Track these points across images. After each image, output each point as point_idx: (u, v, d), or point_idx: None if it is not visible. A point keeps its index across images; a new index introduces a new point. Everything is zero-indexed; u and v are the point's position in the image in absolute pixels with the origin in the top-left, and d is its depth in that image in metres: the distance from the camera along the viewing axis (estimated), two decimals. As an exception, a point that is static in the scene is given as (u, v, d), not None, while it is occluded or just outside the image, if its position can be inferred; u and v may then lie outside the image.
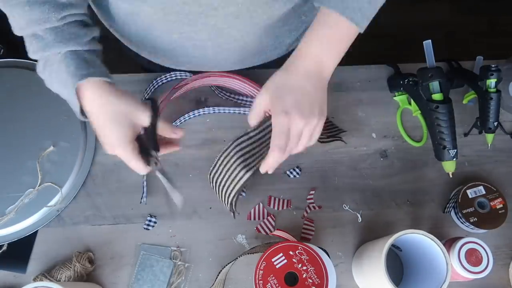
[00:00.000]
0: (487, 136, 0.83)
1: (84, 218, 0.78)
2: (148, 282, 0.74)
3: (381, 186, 0.82)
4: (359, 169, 0.82)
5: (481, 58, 0.90)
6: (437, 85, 0.77)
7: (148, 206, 0.79)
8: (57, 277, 0.72)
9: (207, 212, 0.79)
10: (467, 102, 0.87)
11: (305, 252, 0.62)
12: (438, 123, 0.76)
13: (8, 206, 0.77)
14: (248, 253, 0.70)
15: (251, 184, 0.80)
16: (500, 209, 0.76)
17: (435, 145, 0.78)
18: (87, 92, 0.58)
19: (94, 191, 0.80)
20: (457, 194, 0.77)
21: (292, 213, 0.79)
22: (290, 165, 0.82)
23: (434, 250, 0.63)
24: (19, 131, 0.81)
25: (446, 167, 0.78)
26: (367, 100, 0.87)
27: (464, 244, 0.69)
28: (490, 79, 0.79)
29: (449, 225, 0.80)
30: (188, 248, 0.77)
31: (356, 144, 0.84)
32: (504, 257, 0.78)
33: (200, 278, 0.75)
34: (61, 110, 0.82)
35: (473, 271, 0.68)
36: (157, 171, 0.64)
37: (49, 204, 0.77)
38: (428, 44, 0.78)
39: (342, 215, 0.80)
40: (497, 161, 0.84)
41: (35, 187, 0.78)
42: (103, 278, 0.75)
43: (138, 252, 0.76)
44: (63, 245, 0.76)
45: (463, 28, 1.88)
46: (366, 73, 0.89)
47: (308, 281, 0.61)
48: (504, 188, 0.81)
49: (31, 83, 0.84)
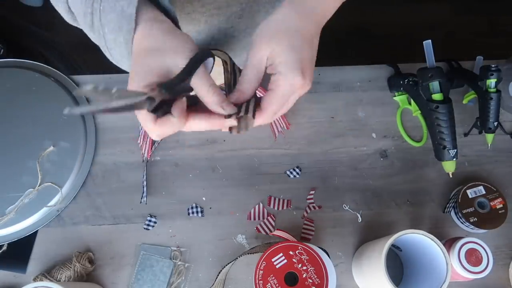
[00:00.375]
0: (487, 136, 0.83)
1: (84, 218, 0.78)
2: (148, 282, 0.74)
3: (381, 186, 0.82)
4: (359, 169, 0.82)
5: (481, 58, 0.90)
6: (437, 85, 0.77)
7: (148, 206, 0.79)
8: (57, 277, 0.72)
9: (207, 212, 0.79)
10: (467, 102, 0.87)
11: (305, 252, 0.62)
12: (438, 123, 0.76)
13: (8, 206, 0.77)
14: (248, 253, 0.70)
15: (251, 184, 0.80)
16: (500, 209, 0.76)
17: (435, 145, 0.78)
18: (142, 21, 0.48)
19: (94, 191, 0.80)
20: (457, 194, 0.77)
21: (292, 213, 0.79)
22: (290, 165, 0.82)
23: (434, 250, 0.63)
24: (19, 131, 0.81)
25: (446, 167, 0.78)
26: (367, 100, 0.87)
27: (464, 244, 0.69)
28: (490, 79, 0.79)
29: (449, 225, 0.80)
30: (188, 248, 0.77)
31: (356, 144, 0.84)
32: (504, 257, 0.78)
33: (200, 278, 0.75)
34: (61, 110, 0.82)
35: (473, 271, 0.68)
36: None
37: (49, 204, 0.77)
38: (428, 44, 0.78)
39: (342, 215, 0.80)
40: (497, 161, 0.84)
41: (35, 187, 0.78)
42: (103, 278, 0.75)
43: (138, 252, 0.76)
44: (63, 245, 0.76)
45: (463, 28, 1.88)
46: (366, 73, 0.89)
47: (308, 281, 0.61)
48: (504, 188, 0.81)
49: (31, 83, 0.84)
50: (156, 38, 0.47)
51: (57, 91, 0.83)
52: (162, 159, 0.82)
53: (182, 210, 0.79)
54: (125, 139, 0.82)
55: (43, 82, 0.84)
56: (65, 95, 0.83)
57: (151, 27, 0.48)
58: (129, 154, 0.81)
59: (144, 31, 0.48)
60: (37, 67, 0.86)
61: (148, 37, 0.48)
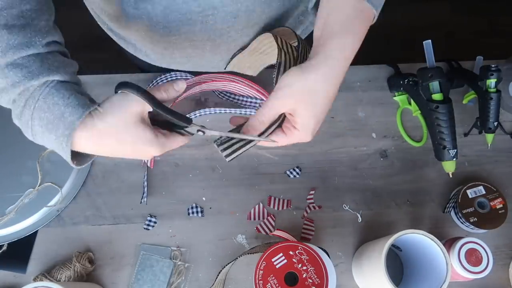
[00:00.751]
0: (487, 136, 0.83)
1: (84, 218, 0.78)
2: (148, 282, 0.74)
3: (381, 186, 0.82)
4: (359, 169, 0.82)
5: (481, 58, 0.90)
6: (437, 85, 0.77)
7: (148, 206, 0.79)
8: (57, 277, 0.72)
9: (207, 212, 0.79)
10: (467, 102, 0.87)
11: (305, 252, 0.62)
12: (438, 123, 0.76)
13: (8, 206, 0.77)
14: (248, 253, 0.70)
15: (251, 184, 0.80)
16: (500, 209, 0.76)
17: (435, 145, 0.78)
18: (84, 129, 0.50)
19: (94, 191, 0.80)
20: (457, 194, 0.77)
21: (292, 213, 0.79)
22: (290, 165, 0.82)
23: (434, 250, 0.63)
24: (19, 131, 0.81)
25: (446, 167, 0.78)
26: (367, 100, 0.87)
27: (464, 244, 0.69)
28: (490, 79, 0.79)
29: (449, 225, 0.80)
30: (188, 248, 0.77)
31: (356, 144, 0.84)
32: (504, 257, 0.78)
33: (200, 278, 0.75)
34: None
35: (473, 271, 0.68)
36: (206, 131, 0.57)
37: (49, 204, 0.77)
38: (428, 44, 0.78)
39: (342, 215, 0.80)
40: (497, 161, 0.84)
41: (35, 187, 0.78)
42: (103, 278, 0.75)
43: (138, 252, 0.76)
44: (63, 245, 0.76)
45: (463, 28, 1.88)
46: (366, 73, 0.89)
47: (308, 281, 0.61)
48: (504, 188, 0.81)
49: (31, 83, 0.83)
50: (112, 127, 0.51)
51: (57, 91, 0.83)
52: (162, 159, 0.82)
53: (182, 210, 0.79)
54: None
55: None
56: (65, 95, 0.83)
57: (96, 126, 0.51)
58: (129, 154, 0.81)
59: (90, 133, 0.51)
60: (37, 67, 0.86)
61: (109, 133, 0.51)
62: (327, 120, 0.85)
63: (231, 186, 0.80)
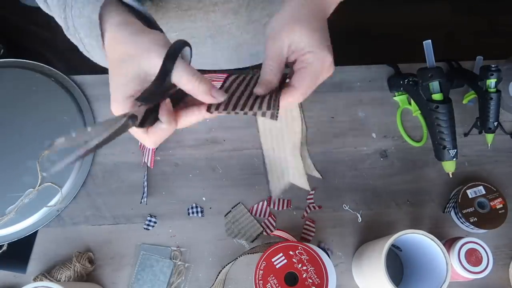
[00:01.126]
0: (487, 136, 0.83)
1: (84, 218, 0.78)
2: (148, 282, 0.74)
3: (381, 186, 0.82)
4: (359, 169, 0.82)
5: (481, 58, 0.90)
6: (437, 85, 0.77)
7: (148, 206, 0.79)
8: (57, 277, 0.72)
9: (207, 212, 0.79)
10: (467, 102, 0.87)
11: (305, 252, 0.62)
12: (438, 123, 0.76)
13: (8, 206, 0.77)
14: (248, 253, 0.70)
15: (251, 184, 0.80)
16: (500, 209, 0.76)
17: (435, 145, 0.78)
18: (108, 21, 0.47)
19: (94, 191, 0.80)
20: (457, 194, 0.77)
21: (292, 213, 0.79)
22: (290, 165, 0.82)
23: (434, 250, 0.63)
24: (19, 131, 0.81)
25: (446, 167, 0.78)
26: (367, 100, 0.87)
27: (464, 244, 0.69)
28: (490, 79, 0.79)
29: (449, 225, 0.80)
30: (188, 248, 0.77)
31: (356, 144, 0.84)
32: (504, 257, 0.78)
33: (200, 278, 0.75)
34: (61, 110, 0.82)
35: (473, 271, 0.68)
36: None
37: (49, 204, 0.77)
38: (428, 44, 0.78)
39: (342, 215, 0.80)
40: (497, 161, 0.84)
41: (35, 187, 0.78)
42: (103, 278, 0.75)
43: (138, 252, 0.76)
44: (63, 245, 0.76)
45: (463, 28, 1.88)
46: (366, 73, 0.89)
47: (308, 281, 0.61)
48: (504, 188, 0.81)
49: (31, 83, 0.84)
50: (125, 43, 0.46)
51: (57, 91, 0.83)
52: (162, 159, 0.82)
53: (182, 210, 0.79)
54: (125, 139, 0.82)
55: (43, 82, 0.84)
56: (65, 95, 0.83)
57: (118, 31, 0.47)
58: (129, 154, 0.81)
59: (113, 36, 0.47)
60: (37, 67, 0.86)
61: (118, 43, 0.46)
62: (327, 120, 0.85)
63: (231, 186, 0.80)
